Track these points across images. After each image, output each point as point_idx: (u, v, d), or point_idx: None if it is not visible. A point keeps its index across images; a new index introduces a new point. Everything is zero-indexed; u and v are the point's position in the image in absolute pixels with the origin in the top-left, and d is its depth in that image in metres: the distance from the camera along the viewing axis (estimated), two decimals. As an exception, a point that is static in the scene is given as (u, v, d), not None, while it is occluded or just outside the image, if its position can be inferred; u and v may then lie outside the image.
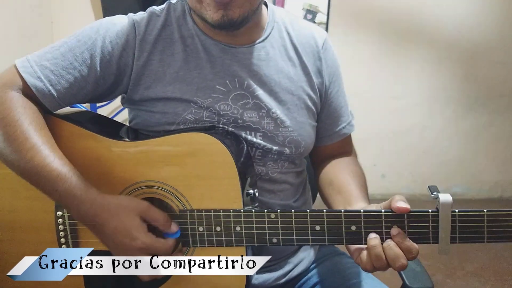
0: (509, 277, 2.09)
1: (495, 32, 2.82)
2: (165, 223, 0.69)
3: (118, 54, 0.76)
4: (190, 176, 0.71)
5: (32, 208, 0.75)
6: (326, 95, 0.87)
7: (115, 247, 0.68)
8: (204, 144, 0.70)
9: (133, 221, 0.66)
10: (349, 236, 0.67)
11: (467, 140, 2.99)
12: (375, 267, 0.64)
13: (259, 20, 0.81)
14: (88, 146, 0.73)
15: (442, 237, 0.64)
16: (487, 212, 0.64)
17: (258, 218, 0.68)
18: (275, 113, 0.80)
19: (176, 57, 0.78)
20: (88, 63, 0.74)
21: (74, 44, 0.75)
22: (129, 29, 0.77)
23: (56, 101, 0.75)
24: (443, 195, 0.64)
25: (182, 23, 0.80)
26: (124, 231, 0.66)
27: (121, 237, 0.66)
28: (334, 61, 0.89)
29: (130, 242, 0.66)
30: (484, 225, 0.64)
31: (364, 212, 0.66)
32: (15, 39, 2.13)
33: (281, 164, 0.83)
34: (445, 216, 0.64)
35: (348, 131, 0.91)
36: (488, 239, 0.64)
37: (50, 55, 0.75)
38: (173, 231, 0.69)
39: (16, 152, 0.67)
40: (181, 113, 0.77)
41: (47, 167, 0.66)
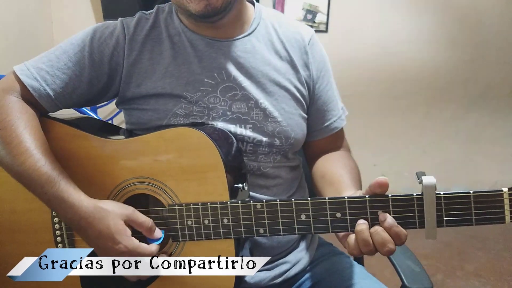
0: (509, 277, 2.09)
1: (495, 32, 2.82)
2: (149, 228, 0.70)
3: (109, 54, 0.80)
4: (178, 171, 0.72)
5: (31, 209, 0.76)
6: (314, 89, 0.88)
7: (99, 251, 0.70)
8: (191, 138, 0.72)
9: (117, 226, 0.68)
10: (334, 224, 0.66)
11: (467, 140, 2.99)
12: (362, 252, 0.64)
13: (243, 15, 0.84)
14: (82, 146, 0.76)
15: (428, 221, 0.63)
16: (473, 193, 0.62)
17: (245, 209, 0.69)
18: (263, 104, 0.81)
19: (164, 54, 0.81)
20: (81, 64, 0.78)
21: (68, 47, 0.79)
22: (119, 30, 0.81)
23: (53, 101, 0.78)
24: (426, 177, 0.63)
25: (169, 22, 0.84)
26: (108, 235, 0.67)
27: (104, 240, 0.68)
28: (322, 56, 0.90)
29: (113, 246, 0.67)
30: (471, 207, 0.62)
31: (348, 198, 0.65)
32: (15, 39, 2.13)
33: (273, 158, 0.84)
34: (430, 199, 0.63)
35: (338, 125, 0.91)
36: (476, 221, 0.63)
37: (46, 58, 0.79)
38: (157, 237, 0.71)
39: (10, 155, 0.69)
40: (171, 108, 0.79)
41: (37, 171, 0.68)
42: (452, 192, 0.63)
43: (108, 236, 0.67)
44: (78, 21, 2.56)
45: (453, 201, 0.63)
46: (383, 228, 0.63)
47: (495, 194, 0.63)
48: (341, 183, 0.79)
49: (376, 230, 0.63)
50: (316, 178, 0.88)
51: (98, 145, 0.75)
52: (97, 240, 0.68)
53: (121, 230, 0.68)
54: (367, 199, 0.65)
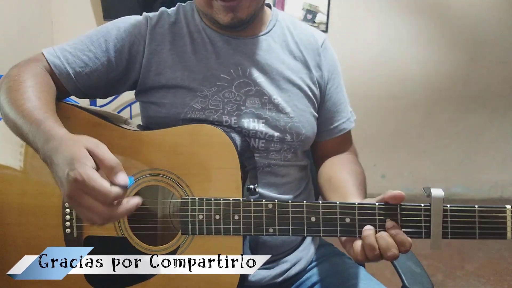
0: (509, 277, 2.09)
1: (495, 32, 2.83)
2: (112, 167, 0.58)
3: (131, 41, 0.84)
4: (194, 166, 0.74)
5: (42, 193, 0.77)
6: (325, 90, 0.91)
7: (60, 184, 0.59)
8: (210, 135, 0.74)
9: (79, 152, 0.58)
10: (343, 228, 0.68)
11: (467, 140, 2.99)
12: (367, 258, 0.65)
13: (261, 16, 0.89)
14: (102, 134, 0.76)
15: (434, 232, 0.66)
16: (478, 208, 0.65)
17: (256, 208, 0.70)
18: (276, 99, 0.84)
19: (184, 49, 0.85)
20: (103, 47, 0.82)
21: (92, 33, 0.84)
22: (142, 22, 0.86)
23: (72, 79, 0.81)
24: (435, 189, 0.65)
25: (190, 19, 0.88)
26: (67, 160, 0.57)
27: (64, 166, 0.57)
28: (333, 60, 0.93)
29: (69, 172, 0.56)
30: (476, 221, 0.65)
31: (359, 204, 0.68)
32: (15, 39, 2.13)
33: (283, 155, 0.85)
34: (437, 210, 0.65)
35: (347, 126, 0.93)
36: (479, 235, 0.65)
37: (71, 42, 0.84)
38: (119, 182, 0.57)
39: (12, 101, 0.71)
40: (188, 102, 0.82)
41: (31, 114, 0.66)
42: (458, 205, 0.66)
43: (67, 161, 0.57)
44: (78, 21, 2.56)
45: (459, 214, 0.66)
46: (388, 234, 0.65)
47: (499, 210, 0.65)
48: (346, 189, 0.81)
49: (381, 234, 0.65)
50: (322, 181, 0.90)
51: (118, 135, 0.77)
52: (58, 169, 0.59)
53: (81, 156, 0.57)
54: (376, 206, 0.67)
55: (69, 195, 0.56)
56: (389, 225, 0.66)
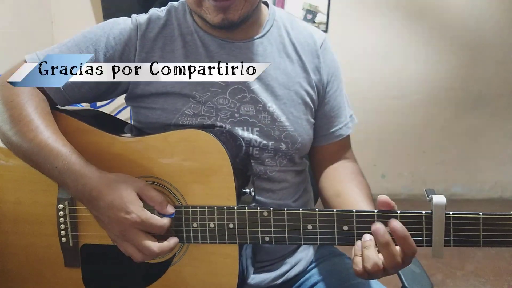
0: (509, 277, 2.09)
1: (495, 32, 2.83)
2: (161, 202, 0.68)
3: (121, 50, 0.80)
4: (186, 173, 0.72)
5: (36, 201, 0.76)
6: (324, 93, 0.87)
7: (109, 223, 0.67)
8: (201, 141, 0.71)
9: (130, 196, 0.66)
10: (341, 236, 0.66)
11: (467, 140, 2.99)
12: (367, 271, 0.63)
13: (257, 17, 0.84)
14: (91, 141, 0.75)
15: (436, 240, 0.63)
16: (482, 215, 0.62)
17: (251, 216, 0.68)
18: (271, 107, 0.81)
19: (176, 53, 0.81)
20: (92, 57, 0.78)
21: (80, 40, 0.80)
22: (132, 27, 0.81)
23: (61, 92, 0.78)
24: (437, 196, 0.62)
25: (182, 21, 0.83)
26: (120, 205, 0.65)
27: (116, 211, 0.65)
28: (333, 62, 0.90)
29: (125, 215, 0.65)
30: (480, 229, 0.62)
31: (357, 212, 0.65)
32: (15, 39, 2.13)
33: (279, 161, 0.83)
34: (439, 218, 0.62)
35: (343, 132, 0.90)
36: (484, 243, 0.62)
37: (57, 49, 0.79)
38: (169, 212, 0.69)
39: (20, 133, 0.70)
40: (180, 108, 0.79)
41: (48, 146, 0.68)
42: (461, 213, 0.62)
43: (120, 206, 0.65)
44: (78, 21, 2.55)
45: (462, 221, 0.62)
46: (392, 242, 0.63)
47: (505, 218, 0.61)
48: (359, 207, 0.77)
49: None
50: (328, 194, 0.86)
51: (108, 142, 0.75)
52: (108, 210, 0.66)
53: (134, 200, 0.66)
54: (375, 213, 0.65)
55: (123, 234, 0.66)
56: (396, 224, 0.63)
